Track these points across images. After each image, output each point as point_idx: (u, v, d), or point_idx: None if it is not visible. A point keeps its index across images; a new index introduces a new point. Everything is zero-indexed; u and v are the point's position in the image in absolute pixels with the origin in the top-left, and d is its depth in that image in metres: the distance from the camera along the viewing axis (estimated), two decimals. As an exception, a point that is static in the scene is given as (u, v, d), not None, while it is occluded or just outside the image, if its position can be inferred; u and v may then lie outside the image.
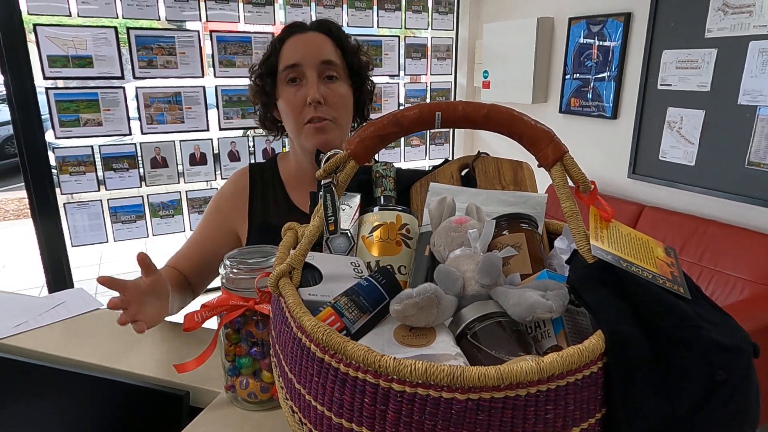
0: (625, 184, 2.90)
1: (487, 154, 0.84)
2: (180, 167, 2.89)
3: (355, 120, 1.12)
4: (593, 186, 0.52)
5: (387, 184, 0.77)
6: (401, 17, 3.40)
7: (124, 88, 2.64)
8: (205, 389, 0.83)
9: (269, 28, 2.99)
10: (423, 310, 0.49)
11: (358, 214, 0.73)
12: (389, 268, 0.65)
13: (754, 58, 2.24)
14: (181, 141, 2.85)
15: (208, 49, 2.82)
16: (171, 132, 2.80)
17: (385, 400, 0.43)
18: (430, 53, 3.61)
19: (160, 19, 2.68)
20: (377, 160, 1.08)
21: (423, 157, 3.78)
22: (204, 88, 2.83)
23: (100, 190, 2.73)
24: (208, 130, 2.90)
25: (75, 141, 2.62)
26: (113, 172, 2.74)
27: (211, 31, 2.80)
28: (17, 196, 6.03)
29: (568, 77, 3.12)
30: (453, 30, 3.68)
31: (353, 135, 0.56)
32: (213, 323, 0.80)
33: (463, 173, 0.85)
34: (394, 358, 0.42)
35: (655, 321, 0.46)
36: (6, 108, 2.57)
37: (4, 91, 2.51)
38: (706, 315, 0.49)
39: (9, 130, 6.36)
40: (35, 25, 2.41)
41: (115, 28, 2.55)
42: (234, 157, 3.02)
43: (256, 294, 0.72)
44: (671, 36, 2.55)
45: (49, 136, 2.59)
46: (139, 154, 2.77)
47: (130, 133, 2.71)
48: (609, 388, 0.45)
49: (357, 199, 0.75)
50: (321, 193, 0.57)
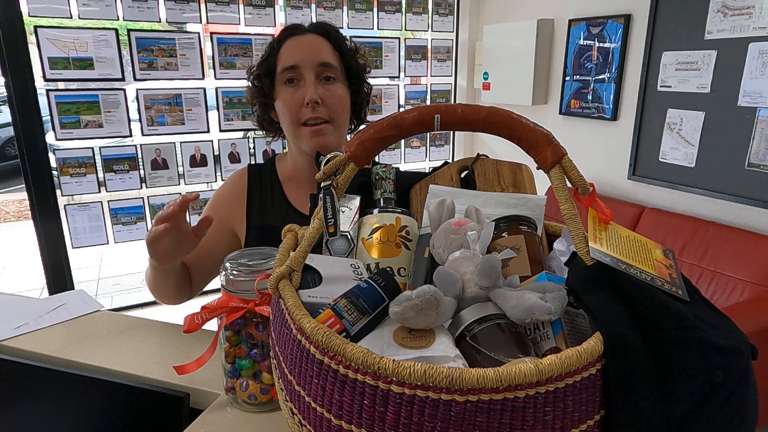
0: (625, 185, 2.90)
1: (487, 157, 0.84)
2: (180, 169, 2.89)
3: (352, 122, 1.12)
4: (592, 188, 0.52)
5: (387, 186, 0.77)
6: (401, 19, 3.40)
7: (125, 90, 2.65)
8: (205, 391, 0.83)
9: (269, 30, 2.99)
10: (422, 312, 0.49)
11: (357, 216, 0.74)
12: (389, 270, 0.66)
13: (753, 59, 2.25)
14: (181, 142, 2.86)
15: (208, 50, 2.82)
16: (171, 134, 2.81)
17: (385, 401, 0.43)
18: (430, 55, 3.61)
19: (160, 21, 2.68)
20: (377, 162, 1.08)
21: (423, 159, 3.79)
22: (204, 90, 2.83)
23: (100, 192, 2.73)
24: (209, 131, 2.91)
25: (75, 143, 2.63)
26: (114, 174, 2.75)
27: (211, 33, 2.81)
28: (18, 197, 6.03)
29: (568, 79, 3.12)
30: (453, 32, 3.69)
31: (353, 137, 0.57)
32: (213, 325, 0.80)
33: (462, 175, 0.85)
34: (394, 360, 0.42)
35: (653, 323, 0.46)
36: (7, 109, 2.57)
37: (4, 93, 2.52)
38: (704, 317, 0.49)
39: (10, 132, 6.36)
40: (36, 27, 2.41)
41: (116, 30, 2.56)
42: (234, 158, 3.02)
43: (256, 296, 0.72)
44: (671, 37, 2.56)
45: (49, 138, 2.59)
46: (140, 156, 2.77)
47: (131, 135, 2.72)
48: (607, 390, 0.45)
49: (357, 201, 0.75)
50: (321, 195, 0.57)
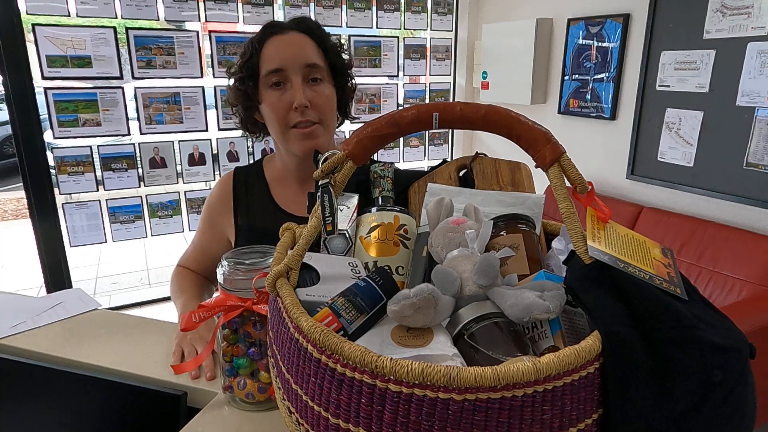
0: (623, 184, 2.90)
1: (485, 155, 0.84)
2: (179, 167, 2.89)
3: (340, 111, 1.11)
4: (590, 187, 0.52)
5: (385, 185, 0.77)
6: (400, 18, 3.40)
7: (123, 89, 2.65)
8: (202, 390, 0.83)
9: (268, 29, 2.98)
10: (420, 311, 0.49)
11: (355, 214, 0.73)
12: (387, 268, 0.65)
13: (752, 59, 2.25)
14: (179, 141, 2.85)
15: (207, 49, 2.82)
16: (170, 132, 2.81)
17: (382, 400, 0.43)
18: (429, 54, 3.61)
19: (159, 20, 2.68)
20: (375, 161, 1.08)
21: (422, 157, 3.78)
22: (203, 89, 2.83)
23: (98, 191, 2.73)
24: (207, 130, 2.90)
25: (74, 141, 2.62)
26: (112, 173, 2.74)
27: (210, 32, 2.80)
28: (16, 196, 6.01)
29: (566, 78, 3.12)
30: (452, 31, 3.69)
31: (351, 135, 0.57)
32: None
33: (461, 174, 0.85)
34: (391, 359, 0.42)
35: (652, 322, 0.46)
36: (5, 108, 2.56)
37: (2, 91, 2.51)
38: (703, 316, 0.49)
39: (7, 130, 6.34)
40: (34, 25, 2.41)
41: (114, 29, 2.56)
42: (233, 157, 3.02)
43: (254, 294, 0.72)
44: (670, 37, 2.56)
45: (47, 136, 2.58)
46: (138, 155, 2.77)
47: (129, 134, 2.71)
48: (605, 389, 0.45)
49: (355, 199, 0.75)
50: (319, 193, 0.57)
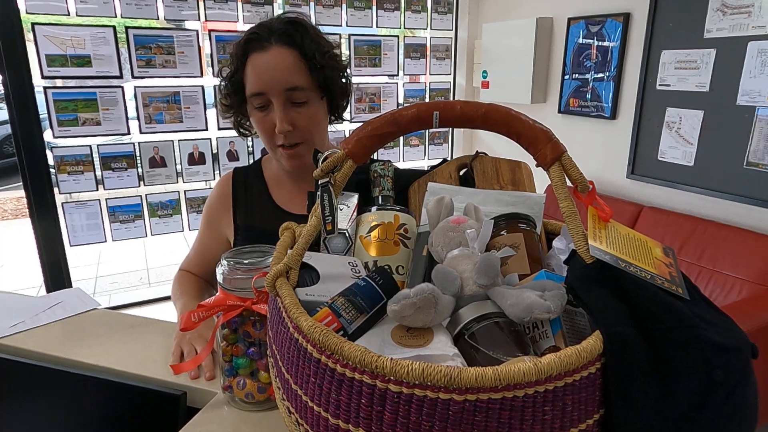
0: (624, 184, 2.90)
1: (486, 154, 0.84)
2: (178, 167, 2.89)
3: (330, 118, 1.08)
4: (591, 186, 0.52)
5: (385, 184, 0.77)
6: (400, 17, 3.40)
7: (123, 88, 2.64)
8: (202, 389, 0.83)
9: (268, 28, 2.98)
10: (420, 311, 0.49)
11: (355, 213, 0.73)
12: (387, 268, 0.65)
13: (752, 58, 2.24)
14: (179, 140, 2.85)
15: (206, 48, 2.81)
16: (170, 131, 2.80)
17: (382, 400, 0.42)
18: (429, 53, 3.60)
19: (158, 19, 2.67)
20: (375, 160, 1.08)
21: (422, 157, 3.78)
22: (203, 88, 2.82)
23: (98, 190, 2.73)
24: (207, 129, 2.90)
25: (73, 140, 2.62)
26: (112, 172, 2.74)
27: (209, 31, 2.80)
28: (15, 195, 6.01)
29: (567, 77, 3.12)
30: (452, 30, 3.68)
31: (351, 134, 0.56)
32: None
33: (461, 173, 0.85)
34: (391, 359, 0.42)
35: (653, 321, 0.46)
36: (4, 107, 2.56)
37: (2, 90, 2.51)
38: (704, 315, 0.49)
39: (7, 130, 6.34)
40: (33, 24, 2.40)
41: (114, 28, 2.55)
42: (233, 156, 3.02)
43: (254, 294, 0.72)
44: (670, 36, 2.55)
45: (47, 136, 2.58)
46: (138, 154, 2.77)
47: (129, 133, 2.71)
48: (607, 389, 0.44)
49: (355, 198, 0.75)
50: (318, 192, 0.57)
